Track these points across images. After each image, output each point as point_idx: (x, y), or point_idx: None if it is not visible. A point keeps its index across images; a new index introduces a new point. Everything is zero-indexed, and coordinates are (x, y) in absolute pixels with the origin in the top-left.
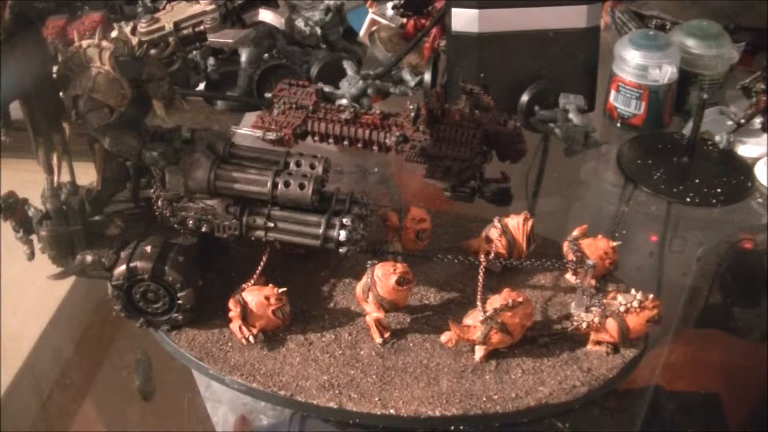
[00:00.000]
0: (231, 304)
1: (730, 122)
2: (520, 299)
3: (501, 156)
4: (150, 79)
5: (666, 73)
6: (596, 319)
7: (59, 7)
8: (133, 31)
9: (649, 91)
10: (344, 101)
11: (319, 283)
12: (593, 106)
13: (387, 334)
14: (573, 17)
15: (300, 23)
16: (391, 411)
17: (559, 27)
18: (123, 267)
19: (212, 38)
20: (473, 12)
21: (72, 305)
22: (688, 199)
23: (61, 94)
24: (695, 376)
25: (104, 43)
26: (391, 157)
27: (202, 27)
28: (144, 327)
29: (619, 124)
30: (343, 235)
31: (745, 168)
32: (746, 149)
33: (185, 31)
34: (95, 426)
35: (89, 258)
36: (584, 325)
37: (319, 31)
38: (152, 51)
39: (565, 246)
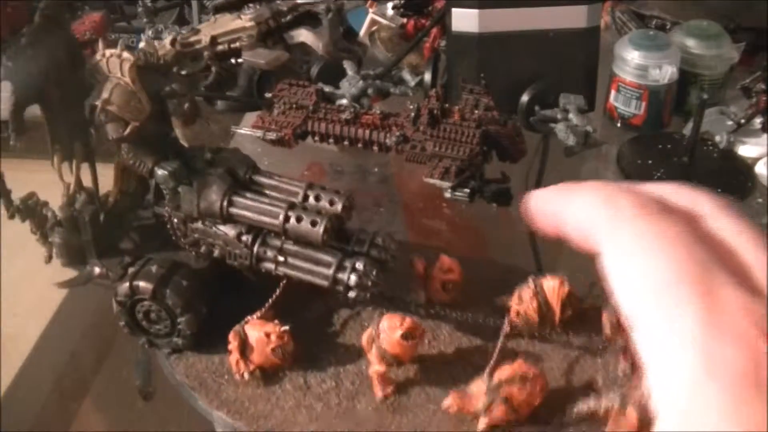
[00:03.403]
0: (231, 336)
1: (730, 122)
2: (531, 374)
3: (501, 156)
4: (171, 96)
5: (666, 73)
6: (616, 406)
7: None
8: (173, 42)
9: (649, 91)
10: (344, 101)
11: (336, 323)
12: (593, 106)
13: (389, 390)
14: (573, 17)
15: None
16: None
17: (559, 27)
18: (126, 284)
19: (245, 56)
20: (473, 12)
21: (72, 305)
22: None
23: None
24: None
25: (125, 54)
26: (391, 157)
27: (237, 44)
28: (146, 347)
29: (619, 124)
30: (353, 279)
31: (745, 168)
32: (746, 149)
33: (221, 47)
34: (95, 426)
35: (97, 269)
36: (602, 411)
37: None
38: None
39: (605, 317)
